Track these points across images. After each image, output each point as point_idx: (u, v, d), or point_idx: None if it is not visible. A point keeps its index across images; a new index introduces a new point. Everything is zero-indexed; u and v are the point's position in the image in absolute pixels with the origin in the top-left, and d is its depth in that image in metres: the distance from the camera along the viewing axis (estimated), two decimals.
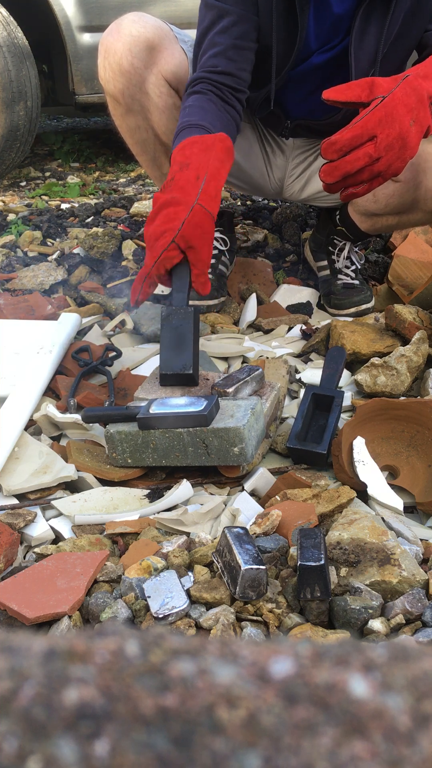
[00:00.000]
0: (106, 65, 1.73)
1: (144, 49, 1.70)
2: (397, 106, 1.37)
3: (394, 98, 1.37)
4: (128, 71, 1.71)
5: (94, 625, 0.99)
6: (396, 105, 1.37)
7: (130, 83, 1.73)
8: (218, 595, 1.01)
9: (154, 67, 1.72)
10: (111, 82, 1.74)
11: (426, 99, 1.40)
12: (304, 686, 0.28)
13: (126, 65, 1.71)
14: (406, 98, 1.38)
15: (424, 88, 1.41)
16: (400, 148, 1.39)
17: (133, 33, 1.70)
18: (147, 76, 1.73)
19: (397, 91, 1.38)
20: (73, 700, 0.26)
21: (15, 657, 0.28)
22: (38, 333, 1.69)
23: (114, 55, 1.71)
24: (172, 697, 0.27)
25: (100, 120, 4.93)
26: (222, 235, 2.02)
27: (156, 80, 1.73)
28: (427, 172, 1.65)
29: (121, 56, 1.70)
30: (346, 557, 1.06)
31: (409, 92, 1.39)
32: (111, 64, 1.72)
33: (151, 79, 1.73)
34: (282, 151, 1.99)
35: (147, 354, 1.71)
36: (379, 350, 1.66)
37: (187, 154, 1.45)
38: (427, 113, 1.41)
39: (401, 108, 1.37)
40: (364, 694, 0.28)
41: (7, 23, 3.05)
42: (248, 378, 1.39)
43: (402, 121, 1.37)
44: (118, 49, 1.70)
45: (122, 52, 1.70)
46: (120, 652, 0.29)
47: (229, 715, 0.26)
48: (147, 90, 1.74)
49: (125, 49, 1.70)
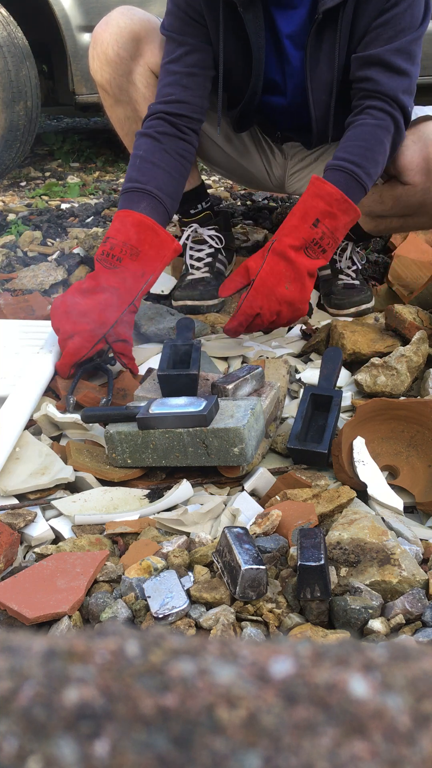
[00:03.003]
0: (94, 55, 1.78)
1: (130, 40, 1.75)
2: (267, 281, 1.52)
3: (262, 276, 1.52)
4: (114, 61, 1.76)
5: (94, 625, 0.99)
6: (265, 281, 1.52)
7: (116, 73, 1.77)
8: (218, 595, 1.01)
9: (141, 58, 1.77)
10: (99, 72, 1.79)
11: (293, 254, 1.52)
12: (304, 686, 0.28)
13: (112, 55, 1.75)
14: (275, 267, 1.52)
15: (286, 246, 1.52)
16: (287, 308, 1.55)
17: (120, 24, 1.75)
18: (133, 67, 1.78)
19: (264, 267, 1.52)
20: (73, 700, 0.26)
21: (15, 657, 0.28)
22: (38, 333, 1.69)
23: (101, 45, 1.76)
24: (172, 697, 0.27)
25: (100, 120, 4.92)
26: (217, 233, 2.03)
27: (143, 71, 1.78)
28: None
29: (107, 46, 1.75)
30: (346, 557, 1.06)
31: (276, 260, 1.52)
32: (98, 54, 1.77)
33: (138, 70, 1.78)
34: (281, 150, 1.99)
35: (147, 354, 1.71)
36: (379, 350, 1.66)
37: (141, 241, 1.55)
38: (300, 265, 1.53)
39: (271, 280, 1.52)
40: (364, 694, 0.28)
41: (7, 23, 3.05)
42: (248, 376, 1.39)
43: (275, 290, 1.52)
44: (105, 39, 1.75)
45: (108, 42, 1.75)
46: (120, 652, 0.29)
47: (229, 715, 0.26)
48: (134, 80, 1.79)
49: (112, 39, 1.75)
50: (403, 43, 1.57)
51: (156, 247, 1.56)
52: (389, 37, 1.56)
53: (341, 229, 1.56)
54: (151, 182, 1.60)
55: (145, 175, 1.61)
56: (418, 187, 1.69)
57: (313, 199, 1.53)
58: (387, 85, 1.58)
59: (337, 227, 1.55)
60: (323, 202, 1.52)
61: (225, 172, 2.15)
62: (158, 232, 1.56)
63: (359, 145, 1.57)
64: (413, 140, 1.67)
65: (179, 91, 1.65)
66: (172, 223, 2.58)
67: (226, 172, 2.13)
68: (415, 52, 1.60)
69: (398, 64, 1.58)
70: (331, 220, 1.53)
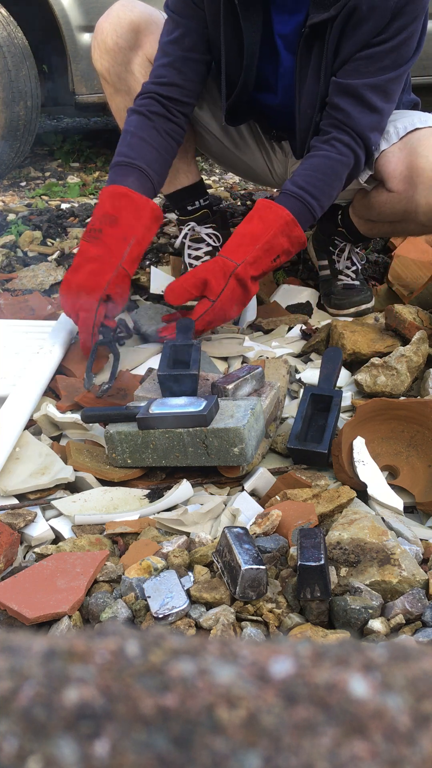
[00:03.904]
0: (94, 44, 1.83)
1: (129, 30, 1.78)
2: (225, 305, 1.58)
3: (222, 301, 1.57)
4: (113, 50, 1.79)
5: (94, 625, 0.99)
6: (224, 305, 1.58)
7: (115, 62, 1.81)
8: (218, 595, 1.01)
9: (140, 49, 1.80)
10: (98, 60, 1.83)
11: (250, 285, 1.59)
12: (304, 686, 0.28)
13: (110, 44, 1.79)
14: (234, 293, 1.58)
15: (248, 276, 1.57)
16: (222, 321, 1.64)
17: (120, 15, 1.79)
18: (132, 57, 1.80)
19: (226, 292, 1.57)
20: (73, 700, 0.26)
21: (15, 657, 0.28)
22: (38, 333, 1.69)
23: (101, 34, 1.80)
24: (172, 697, 0.27)
25: (100, 120, 4.93)
26: (215, 231, 2.03)
27: (142, 62, 1.80)
28: (418, 187, 1.65)
29: (106, 35, 1.79)
30: (346, 557, 1.06)
31: (236, 287, 1.57)
32: (98, 43, 1.81)
33: (137, 60, 1.81)
34: (281, 148, 1.99)
35: (147, 354, 1.71)
36: (379, 350, 1.66)
37: (117, 208, 1.59)
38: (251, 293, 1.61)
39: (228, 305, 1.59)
40: (364, 694, 0.28)
41: (7, 23, 3.05)
42: (248, 376, 1.39)
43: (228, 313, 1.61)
44: (105, 29, 1.80)
45: (108, 31, 1.79)
46: (120, 652, 0.29)
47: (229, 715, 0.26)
48: (132, 70, 1.82)
49: (111, 28, 1.79)
50: (381, 81, 1.58)
51: (132, 211, 1.59)
52: (368, 72, 1.57)
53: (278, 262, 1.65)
54: (140, 158, 1.64)
55: (134, 150, 1.65)
56: (402, 195, 1.69)
57: (280, 237, 1.57)
58: (357, 120, 1.60)
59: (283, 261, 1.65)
60: (288, 241, 1.59)
61: (229, 167, 2.16)
62: (132, 197, 1.59)
63: (320, 178, 1.61)
64: (399, 148, 1.68)
65: (173, 74, 1.68)
66: (172, 223, 2.58)
67: (229, 167, 2.14)
68: (392, 91, 1.62)
69: (372, 101, 1.59)
70: (285, 256, 1.62)
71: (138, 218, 1.59)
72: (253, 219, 1.60)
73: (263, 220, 1.59)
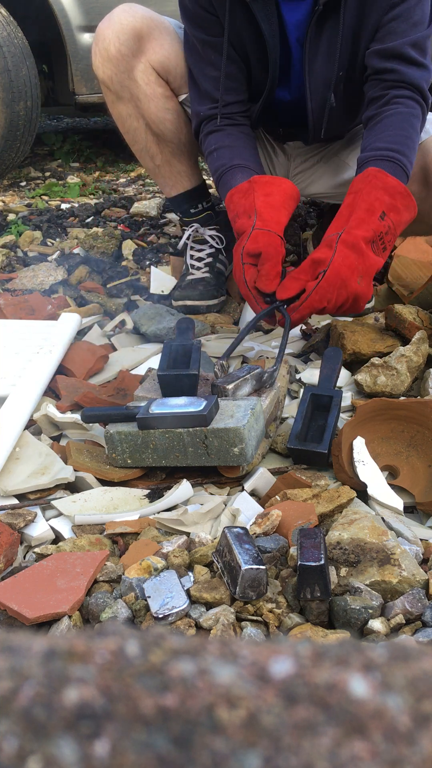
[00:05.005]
0: (96, 51, 1.81)
1: (131, 37, 1.77)
2: (341, 272, 1.41)
3: (335, 267, 1.41)
4: (115, 57, 1.78)
5: (94, 625, 0.99)
6: (339, 273, 1.41)
7: (117, 69, 1.79)
8: (218, 595, 1.01)
9: (143, 55, 1.79)
10: (100, 68, 1.81)
11: (364, 247, 1.43)
12: (304, 686, 0.28)
13: (113, 51, 1.77)
14: (347, 260, 1.41)
15: (359, 238, 1.43)
16: (352, 303, 1.45)
17: (122, 21, 1.77)
18: (135, 64, 1.79)
19: (336, 258, 1.41)
20: (73, 700, 0.26)
21: (15, 657, 0.28)
22: (38, 333, 1.69)
23: (103, 41, 1.78)
24: (172, 697, 0.27)
25: (100, 120, 4.93)
26: (218, 233, 2.03)
27: (144, 68, 1.80)
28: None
29: (108, 42, 1.77)
30: (346, 557, 1.06)
31: (347, 253, 1.42)
32: (100, 50, 1.79)
33: (140, 67, 1.80)
34: (283, 150, 1.99)
35: (147, 354, 1.71)
36: (379, 350, 1.66)
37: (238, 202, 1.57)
38: (370, 260, 1.44)
39: (345, 272, 1.41)
40: (364, 694, 0.28)
41: (7, 23, 3.05)
42: (248, 376, 1.39)
43: (348, 284, 1.41)
44: (107, 36, 1.77)
45: (110, 39, 1.77)
46: (120, 652, 0.29)
47: (229, 715, 0.26)
48: (135, 77, 1.81)
49: (113, 36, 1.77)
50: (418, 38, 1.59)
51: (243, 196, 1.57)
52: (404, 31, 1.57)
53: (402, 225, 1.51)
54: (234, 159, 1.66)
55: (224, 158, 1.67)
56: (415, 196, 1.69)
57: (376, 191, 1.46)
58: (410, 75, 1.58)
59: (399, 222, 1.49)
60: (387, 195, 1.47)
61: None
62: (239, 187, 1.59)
63: (400, 134, 1.55)
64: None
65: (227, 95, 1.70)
66: (172, 223, 2.58)
67: None
68: (427, 48, 1.61)
69: (416, 57, 1.59)
70: (395, 214, 1.47)
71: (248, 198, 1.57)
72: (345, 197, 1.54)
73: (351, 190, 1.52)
